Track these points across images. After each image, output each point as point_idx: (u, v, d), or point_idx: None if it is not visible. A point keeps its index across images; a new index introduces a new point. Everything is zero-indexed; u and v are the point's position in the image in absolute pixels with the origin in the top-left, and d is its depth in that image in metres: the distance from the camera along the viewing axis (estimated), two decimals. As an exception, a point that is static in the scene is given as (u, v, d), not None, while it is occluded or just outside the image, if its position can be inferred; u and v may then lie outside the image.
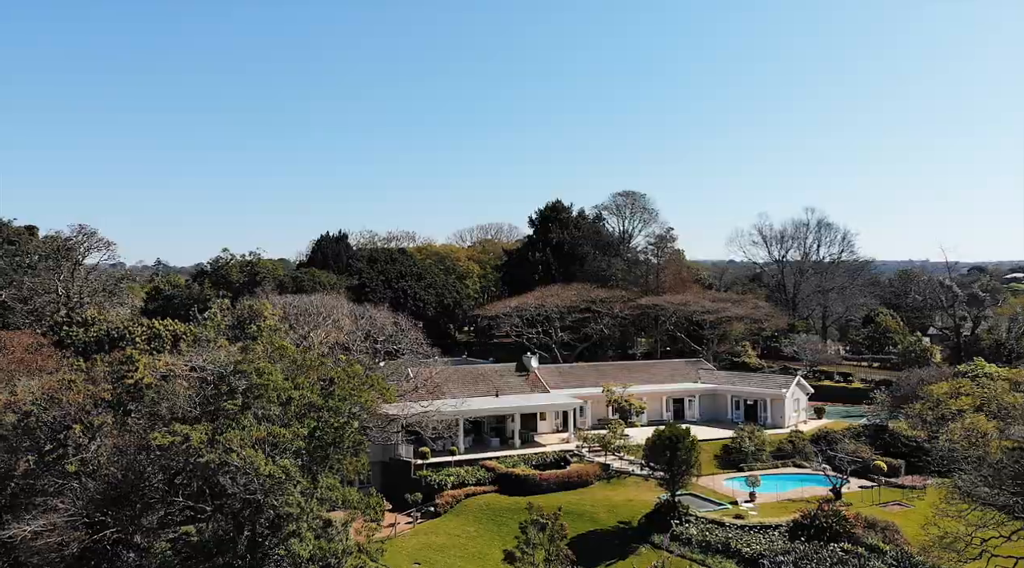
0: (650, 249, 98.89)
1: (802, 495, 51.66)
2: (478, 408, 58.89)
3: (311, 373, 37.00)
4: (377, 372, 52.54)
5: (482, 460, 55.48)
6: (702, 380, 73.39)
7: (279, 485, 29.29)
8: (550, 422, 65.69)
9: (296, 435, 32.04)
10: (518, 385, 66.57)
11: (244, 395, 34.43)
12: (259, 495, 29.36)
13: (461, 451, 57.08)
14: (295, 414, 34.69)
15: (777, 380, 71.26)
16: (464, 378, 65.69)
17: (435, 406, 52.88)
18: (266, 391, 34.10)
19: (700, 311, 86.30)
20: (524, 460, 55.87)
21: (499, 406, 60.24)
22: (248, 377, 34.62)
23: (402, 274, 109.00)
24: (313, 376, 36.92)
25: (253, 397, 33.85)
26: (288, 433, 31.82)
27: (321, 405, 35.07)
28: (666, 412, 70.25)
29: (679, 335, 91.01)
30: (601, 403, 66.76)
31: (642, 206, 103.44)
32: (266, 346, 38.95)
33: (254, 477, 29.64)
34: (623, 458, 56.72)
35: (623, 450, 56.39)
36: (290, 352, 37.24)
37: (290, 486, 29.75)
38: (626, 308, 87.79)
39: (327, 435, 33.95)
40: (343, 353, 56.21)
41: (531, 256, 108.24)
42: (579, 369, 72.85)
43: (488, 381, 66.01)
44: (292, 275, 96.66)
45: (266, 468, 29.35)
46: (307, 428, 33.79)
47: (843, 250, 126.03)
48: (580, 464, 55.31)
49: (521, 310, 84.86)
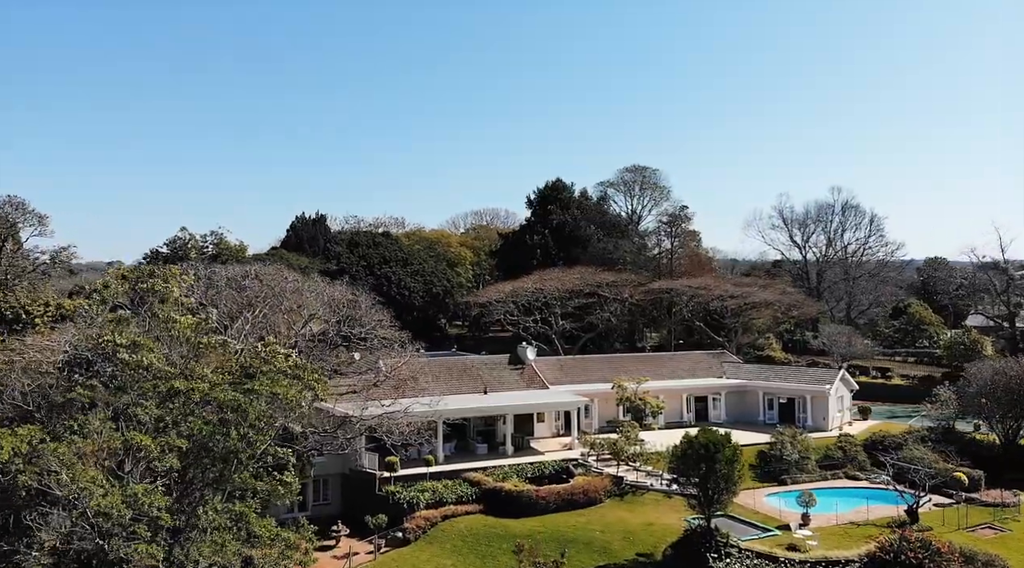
0: (663, 229, 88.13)
1: (867, 516, 41.23)
2: (460, 407, 48.36)
3: (211, 357, 26.50)
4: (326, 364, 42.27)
5: (465, 472, 44.94)
6: (727, 375, 62.79)
7: (121, 527, 18.72)
8: (549, 424, 55.13)
9: (167, 447, 21.46)
10: (511, 380, 55.99)
11: (107, 385, 23.88)
12: (88, 542, 18.79)
13: (439, 460, 46.50)
14: (181, 414, 24.13)
15: (817, 374, 60.63)
16: (445, 372, 55.11)
17: (402, 405, 42.26)
18: (138, 379, 23.56)
19: (723, 296, 75.64)
20: (517, 471, 45.35)
21: (487, 405, 49.71)
22: (115, 360, 24.09)
23: (385, 259, 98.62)
24: (214, 362, 26.41)
25: (115, 388, 23.30)
26: (155, 444, 21.26)
27: (224, 401, 24.52)
28: (687, 412, 59.67)
29: (697, 325, 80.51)
30: (610, 402, 56.19)
31: (653, 182, 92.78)
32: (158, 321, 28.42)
33: (86, 512, 19.07)
34: (639, 469, 46.20)
35: (639, 459, 45.89)
36: (182, 327, 26.70)
37: (141, 528, 19.18)
38: (636, 293, 77.20)
39: (226, 445, 23.39)
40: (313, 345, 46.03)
41: (529, 239, 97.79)
42: (584, 362, 62.33)
43: (475, 376, 55.44)
44: (258, 257, 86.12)
45: (102, 500, 18.79)
46: (199, 431, 23.24)
47: (871, 234, 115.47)
48: (586, 477, 44.76)
49: (517, 295, 74.23)
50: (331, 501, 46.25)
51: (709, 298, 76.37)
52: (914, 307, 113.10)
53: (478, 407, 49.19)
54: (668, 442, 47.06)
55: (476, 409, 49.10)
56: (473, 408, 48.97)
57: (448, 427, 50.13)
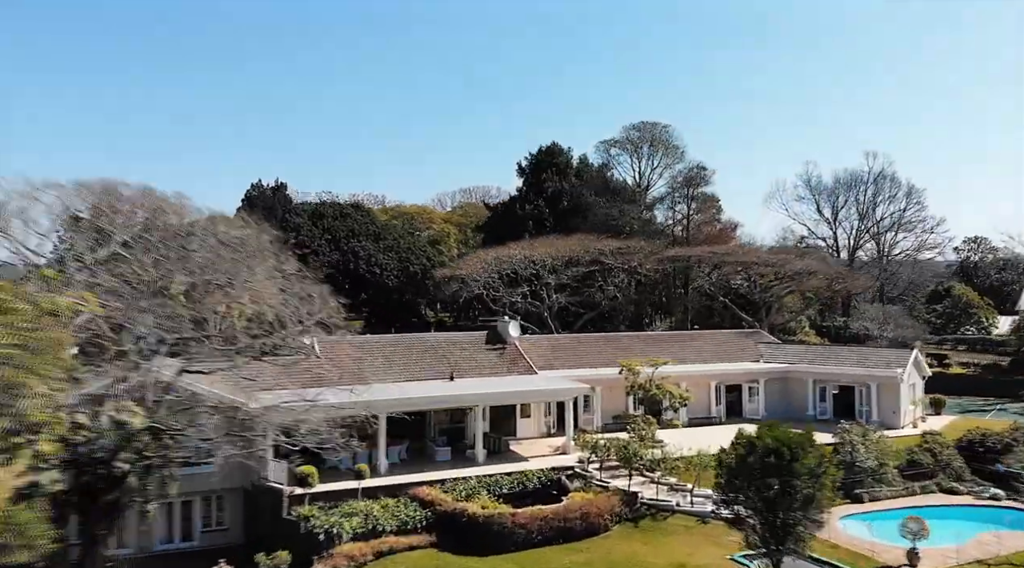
0: (677, 193, 74.76)
1: (997, 550, 28.24)
2: (409, 397, 35.46)
3: None
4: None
5: (415, 486, 32.09)
6: (766, 358, 49.73)
7: None
8: (536, 420, 42.25)
9: None
10: (488, 363, 43.02)
11: None
12: None
13: (382, 470, 33.64)
14: None
15: (884, 355, 47.61)
16: (401, 353, 42.22)
17: (317, 396, 29.29)
18: None
19: (756, 263, 62.57)
20: (489, 485, 32.62)
21: (450, 394, 36.65)
22: None
23: (354, 232, 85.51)
24: None
25: None
26: None
27: None
28: (716, 405, 46.76)
29: (719, 302, 67.22)
30: (617, 392, 43.35)
31: (664, 140, 79.44)
32: None
33: None
34: (659, 481, 33.25)
35: (659, 467, 32.89)
36: None
37: None
38: (648, 262, 64.12)
39: None
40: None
41: (520, 209, 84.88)
42: (582, 342, 49.37)
43: (440, 358, 42.48)
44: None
45: None
46: None
47: (906, 208, 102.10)
48: (586, 493, 31.88)
49: (501, 264, 61.15)
50: (228, 526, 33.54)
51: (738, 266, 63.41)
52: (958, 289, 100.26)
53: (437, 397, 36.23)
54: (695, 444, 34.41)
55: (434, 399, 36.16)
56: (429, 398, 36.02)
57: (398, 425, 37.44)
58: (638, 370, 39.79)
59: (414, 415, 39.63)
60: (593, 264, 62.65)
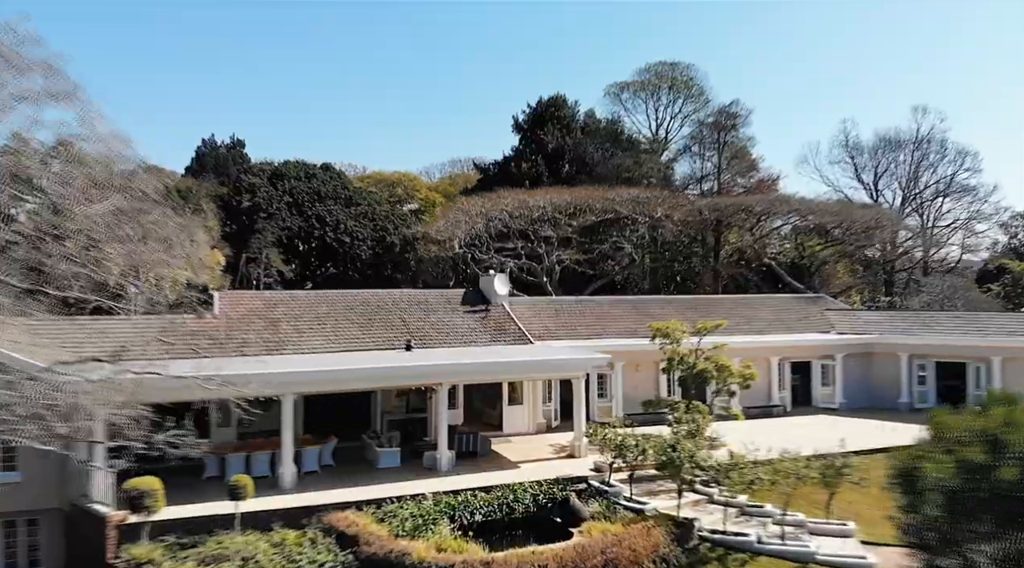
0: (706, 136, 62.14)
1: None
2: (332, 370, 23.08)
3: None
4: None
5: (335, 508, 19.83)
6: (838, 328, 37.40)
7: None
8: (532, 409, 30.03)
9: None
10: (464, 330, 30.69)
11: None
12: None
13: (286, 482, 21.51)
14: None
15: (1001, 322, 35.25)
16: (335, 314, 29.95)
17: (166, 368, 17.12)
18: None
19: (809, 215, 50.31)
20: (455, 508, 20.49)
21: (398, 367, 24.02)
22: None
23: (320, 195, 73.24)
24: None
25: None
26: None
27: None
28: (778, 390, 34.43)
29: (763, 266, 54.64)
30: (646, 369, 31.29)
31: (685, 81, 66.86)
32: None
33: None
34: (722, 500, 20.88)
35: (730, 479, 20.32)
36: None
37: None
38: (675, 212, 51.69)
39: None
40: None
41: (516, 168, 72.47)
42: (594, 306, 36.94)
43: (394, 321, 30.19)
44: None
45: None
46: None
47: (955, 173, 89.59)
48: (611, 524, 19.47)
49: (489, 219, 48.83)
50: (43, 561, 21.29)
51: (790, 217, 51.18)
52: (1018, 265, 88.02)
53: (374, 370, 23.63)
54: (765, 441, 22.14)
55: (370, 374, 23.55)
56: (359, 371, 23.40)
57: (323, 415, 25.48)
58: (680, 337, 27.40)
59: (356, 402, 27.52)
60: (606, 213, 50.16)
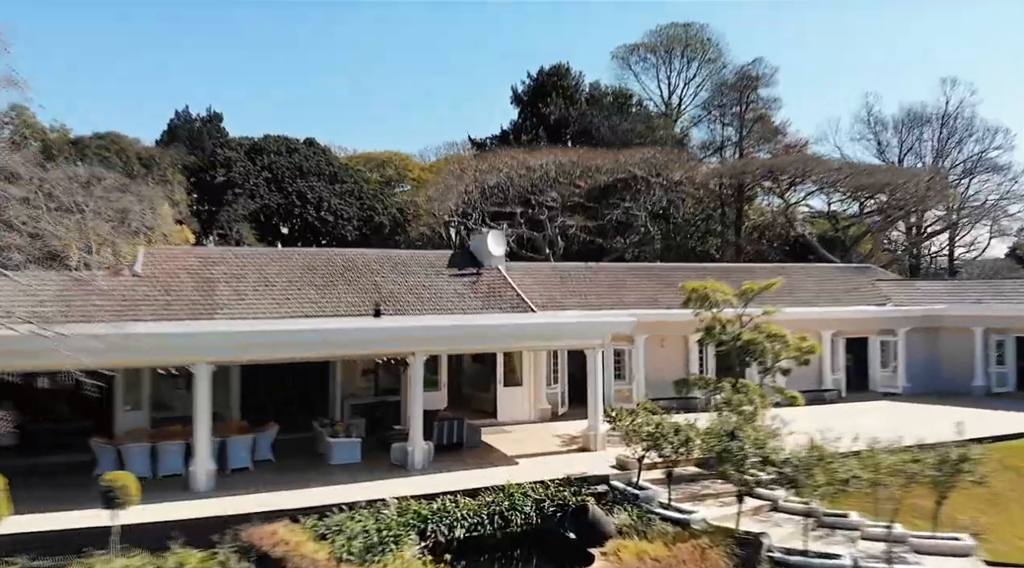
0: (726, 97, 56.20)
1: None
2: (266, 331, 17.29)
3: None
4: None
5: (259, 518, 14.01)
6: (894, 301, 31.60)
7: None
8: (533, 391, 24.34)
9: None
10: (450, 296, 24.93)
11: None
12: None
13: (199, 483, 15.78)
14: None
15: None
16: (287, 274, 24.22)
17: None
18: None
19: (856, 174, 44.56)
20: (427, 519, 14.49)
21: (356, 330, 18.17)
22: None
23: (302, 171, 67.53)
24: None
25: None
26: None
27: None
28: (831, 371, 28.72)
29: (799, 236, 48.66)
30: (673, 343, 25.49)
31: (701, 42, 60.95)
32: None
33: None
34: (804, 510, 15.07)
35: (813, 477, 14.43)
36: None
37: None
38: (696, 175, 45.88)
39: None
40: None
41: (515, 141, 66.62)
42: (606, 272, 31.10)
43: (363, 284, 24.43)
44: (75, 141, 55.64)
45: None
46: None
47: (985, 150, 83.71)
48: (646, 542, 13.57)
49: (486, 186, 43.03)
50: None
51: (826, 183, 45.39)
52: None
53: (329, 334, 17.75)
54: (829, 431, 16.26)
55: (322, 339, 17.65)
56: (306, 335, 17.51)
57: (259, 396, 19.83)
58: (720, 298, 21.63)
59: (312, 382, 21.90)
60: (617, 173, 44.23)
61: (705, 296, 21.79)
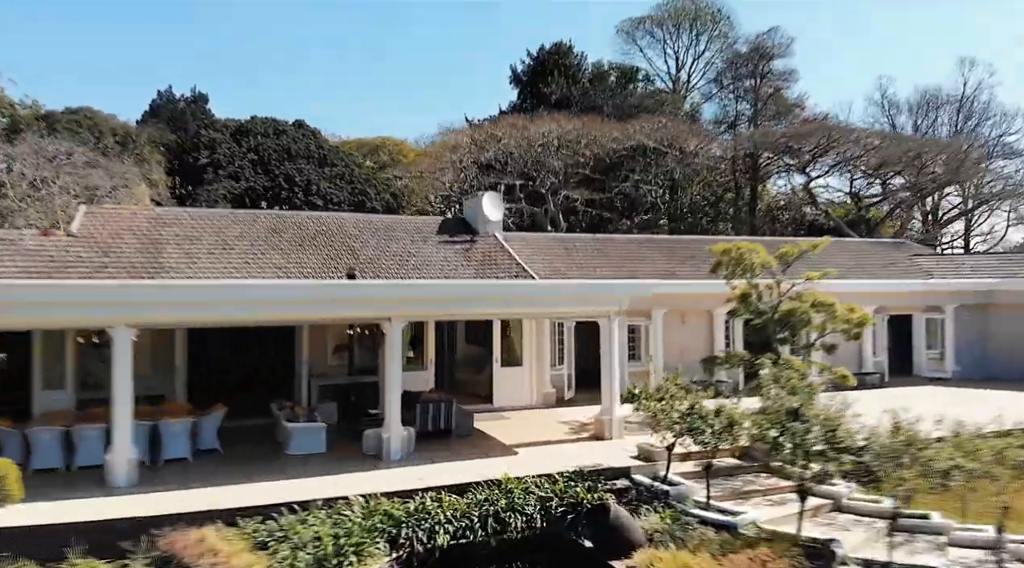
0: (741, 68, 52.84)
1: None
2: (193, 287, 13.91)
3: None
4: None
5: (194, 518, 10.68)
6: (937, 273, 28.35)
7: None
8: (534, 372, 20.93)
9: None
10: (439, 263, 21.62)
11: None
12: None
13: (117, 477, 12.67)
14: None
15: None
16: (250, 236, 20.91)
17: None
18: None
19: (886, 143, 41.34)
20: (404, 521, 11.22)
21: (318, 289, 14.84)
22: None
23: (290, 153, 64.24)
24: None
25: None
26: None
27: None
28: (873, 353, 25.49)
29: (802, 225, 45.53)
30: (696, 319, 22.25)
31: (711, 15, 57.55)
32: None
33: None
34: (874, 511, 11.80)
35: (901, 468, 11.13)
36: None
37: None
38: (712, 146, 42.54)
39: None
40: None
41: (513, 122, 63.24)
42: (617, 244, 27.84)
43: (337, 249, 21.13)
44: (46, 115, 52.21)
45: None
46: None
47: (1002, 134, 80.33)
48: (686, 557, 10.28)
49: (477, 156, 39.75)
50: None
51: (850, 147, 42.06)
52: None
53: (282, 292, 14.43)
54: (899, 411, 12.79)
55: (273, 297, 14.32)
56: (253, 290, 14.18)
57: (204, 373, 16.54)
58: (755, 261, 18.38)
59: (276, 359, 18.69)
60: (627, 141, 40.83)
61: (740, 258, 18.54)
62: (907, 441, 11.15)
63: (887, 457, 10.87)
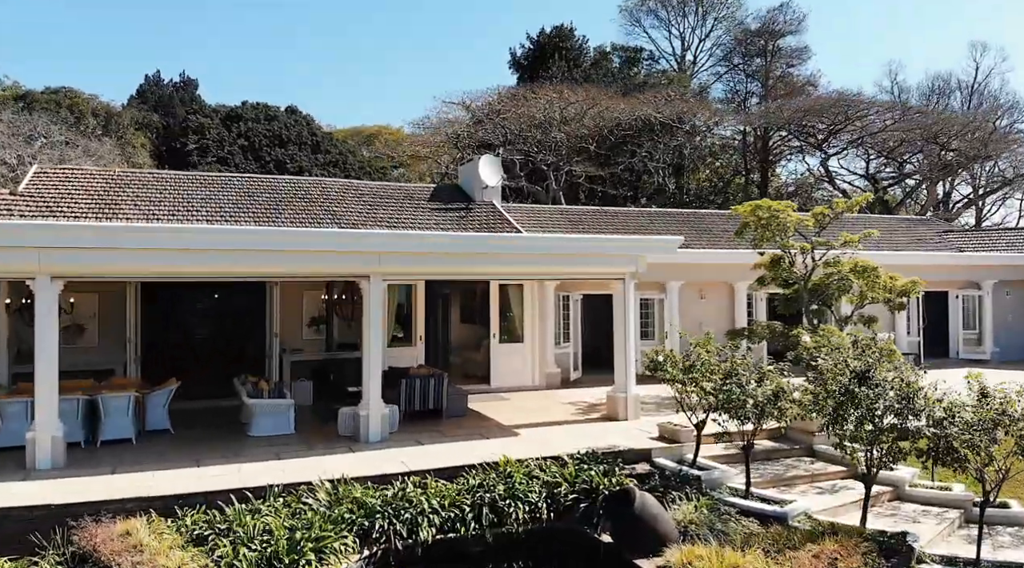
0: (750, 45, 50.61)
1: None
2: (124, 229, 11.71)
3: None
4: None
5: (125, 507, 8.44)
6: (970, 249, 26.23)
7: None
8: (536, 350, 18.76)
9: None
10: (431, 230, 19.37)
11: None
12: None
13: (39, 460, 10.33)
14: None
15: None
16: (219, 200, 18.79)
17: None
18: None
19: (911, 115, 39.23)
20: (379, 511, 9.12)
21: (276, 237, 12.70)
22: None
23: (281, 139, 62.22)
24: None
25: None
26: None
27: None
28: (907, 331, 23.37)
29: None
30: (716, 293, 20.15)
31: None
32: None
33: None
34: (922, 495, 9.73)
35: (997, 446, 8.97)
36: None
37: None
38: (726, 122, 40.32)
39: None
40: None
41: (515, 108, 61.08)
42: (627, 217, 25.72)
43: (316, 214, 19.00)
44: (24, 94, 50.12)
45: None
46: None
47: (1015, 121, 78.21)
48: (735, 556, 8.10)
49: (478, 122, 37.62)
50: None
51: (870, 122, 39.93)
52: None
53: (233, 237, 12.28)
54: None
55: (222, 237, 12.17)
56: (197, 235, 12.06)
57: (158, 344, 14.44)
58: (786, 222, 16.29)
59: (247, 332, 16.56)
60: (634, 115, 38.57)
61: (772, 218, 16.40)
62: (1000, 410, 9.03)
63: (979, 429, 8.74)
